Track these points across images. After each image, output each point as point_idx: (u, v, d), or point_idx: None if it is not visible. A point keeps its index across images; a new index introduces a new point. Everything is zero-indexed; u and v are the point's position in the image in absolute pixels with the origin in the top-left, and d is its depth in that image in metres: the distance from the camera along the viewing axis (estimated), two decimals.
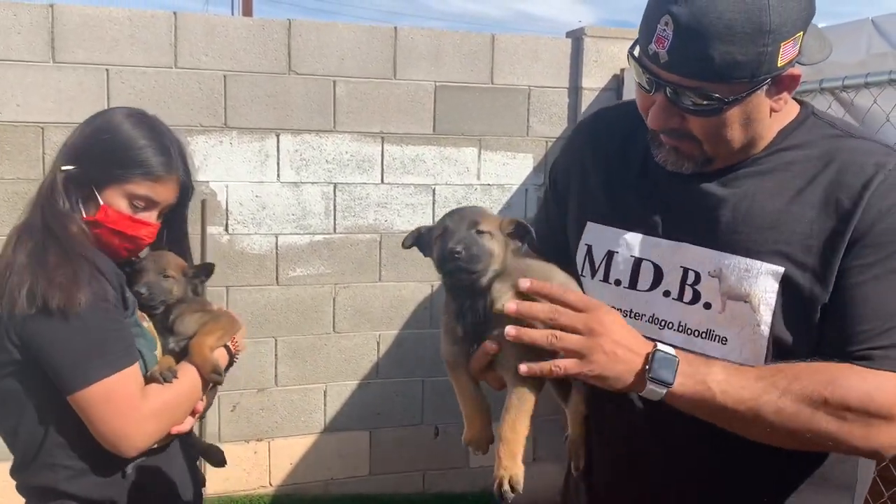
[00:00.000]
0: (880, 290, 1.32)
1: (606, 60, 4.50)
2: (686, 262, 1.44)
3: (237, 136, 4.02)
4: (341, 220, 4.23)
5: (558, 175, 1.71)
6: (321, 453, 4.37)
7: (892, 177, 1.34)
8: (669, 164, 1.44)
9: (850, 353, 1.31)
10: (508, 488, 1.31)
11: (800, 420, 1.29)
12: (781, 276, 1.36)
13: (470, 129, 4.38)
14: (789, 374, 1.31)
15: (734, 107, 1.33)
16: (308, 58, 4.08)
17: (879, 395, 1.28)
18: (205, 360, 1.87)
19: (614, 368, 1.29)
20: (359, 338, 4.35)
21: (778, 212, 1.38)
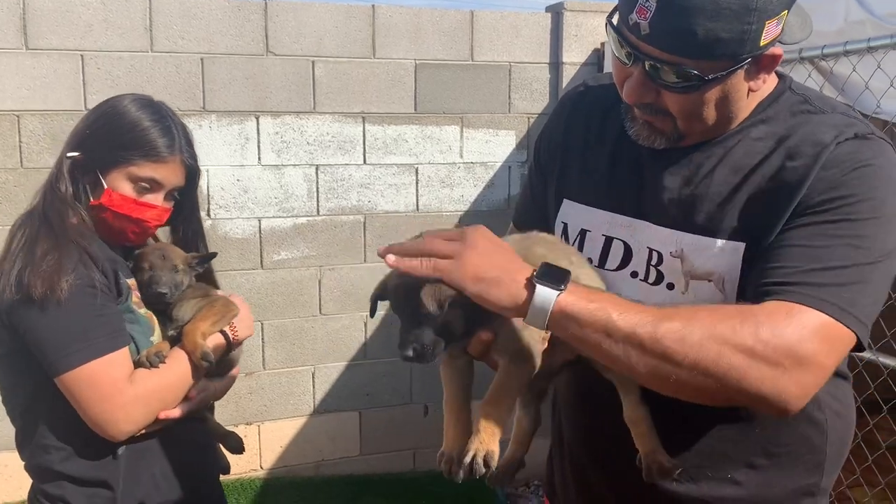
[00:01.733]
0: (811, 238, 1.27)
1: (586, 34, 4.48)
2: (651, 243, 1.44)
3: (216, 120, 3.98)
4: (324, 201, 4.21)
5: (542, 149, 1.70)
6: (311, 435, 4.38)
7: (848, 144, 1.31)
8: (642, 138, 1.42)
9: (766, 284, 1.26)
10: (481, 463, 1.24)
11: (705, 349, 1.17)
12: (743, 252, 1.34)
13: (451, 107, 4.35)
14: (694, 306, 1.26)
15: (713, 85, 1.29)
16: (286, 38, 4.03)
17: (789, 329, 1.19)
18: (195, 346, 1.87)
19: (490, 271, 1.21)
20: (346, 319, 4.34)
21: (736, 189, 1.36)
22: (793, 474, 1.49)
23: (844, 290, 1.23)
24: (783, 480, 1.48)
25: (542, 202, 1.67)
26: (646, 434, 1.43)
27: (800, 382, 1.20)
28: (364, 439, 4.47)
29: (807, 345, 1.19)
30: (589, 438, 1.58)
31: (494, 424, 1.28)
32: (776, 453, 1.47)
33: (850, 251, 1.25)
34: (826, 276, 1.23)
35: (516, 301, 1.22)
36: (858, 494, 3.35)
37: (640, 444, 1.44)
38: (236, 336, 2.00)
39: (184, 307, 1.96)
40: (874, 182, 1.29)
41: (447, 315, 1.26)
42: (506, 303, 1.22)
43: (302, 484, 4.33)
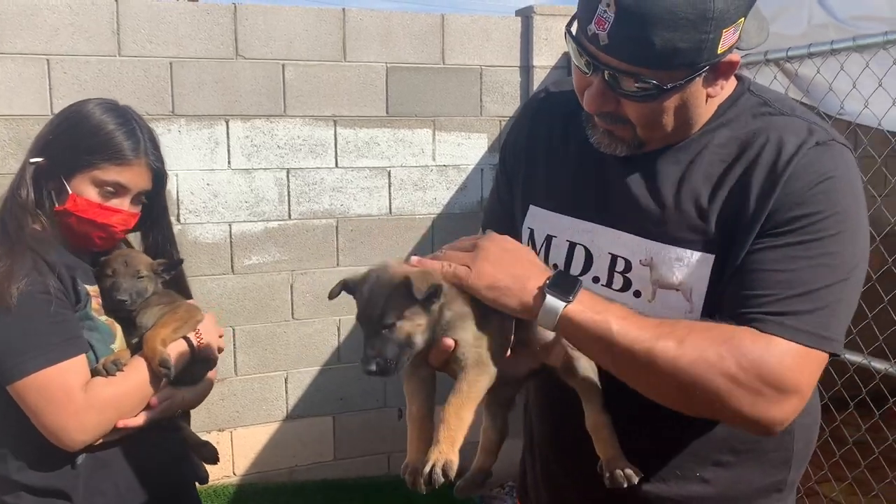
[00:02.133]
0: (782, 261, 1.29)
1: (556, 38, 4.50)
2: (615, 249, 1.44)
3: (185, 124, 3.95)
4: (296, 205, 4.20)
5: (507, 154, 1.71)
6: (284, 441, 4.35)
7: (811, 154, 1.32)
8: (603, 146, 1.43)
9: (744, 314, 1.29)
10: (440, 473, 1.25)
11: (693, 372, 1.25)
12: (712, 264, 1.35)
13: (423, 111, 4.36)
14: (688, 325, 1.30)
15: (672, 94, 1.31)
16: (255, 42, 4.01)
17: (770, 360, 1.25)
18: (154, 352, 1.84)
19: (503, 278, 1.30)
20: (318, 324, 4.32)
21: (705, 200, 1.37)
22: (760, 471, 1.50)
23: (821, 314, 1.28)
24: (751, 477, 1.50)
25: (510, 206, 1.68)
26: (607, 441, 1.44)
27: (783, 409, 1.28)
28: (338, 444, 4.46)
29: (788, 375, 1.26)
30: (558, 440, 1.59)
31: (454, 434, 1.29)
32: (743, 450, 1.48)
33: (823, 271, 1.29)
34: (803, 303, 1.27)
35: (527, 307, 1.30)
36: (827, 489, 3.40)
37: (602, 451, 1.44)
38: (201, 343, 1.97)
39: (147, 314, 1.93)
40: (837, 195, 1.31)
41: (409, 326, 1.30)
42: (517, 309, 1.31)
43: (276, 490, 4.30)
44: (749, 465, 1.49)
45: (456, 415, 1.30)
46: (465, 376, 1.33)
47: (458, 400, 1.31)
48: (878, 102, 2.66)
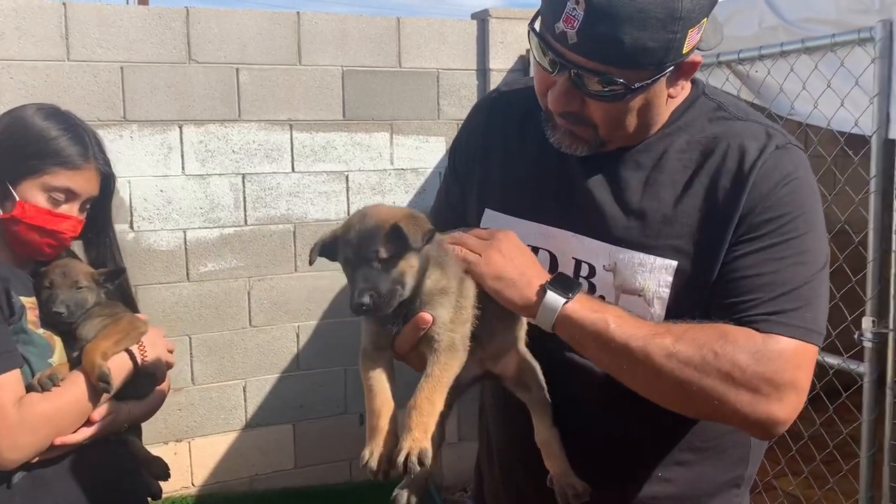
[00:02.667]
0: (764, 264, 1.32)
1: (512, 41, 4.52)
2: (579, 254, 1.45)
3: (138, 130, 3.87)
4: (252, 211, 4.14)
5: (458, 156, 1.69)
6: (244, 450, 4.29)
7: (772, 158, 1.35)
8: (564, 146, 1.42)
9: (735, 321, 1.31)
10: (416, 461, 1.20)
11: (689, 370, 1.26)
12: (675, 270, 1.36)
13: (381, 114, 4.34)
14: (685, 325, 1.31)
15: (639, 94, 1.31)
16: (208, 46, 3.96)
17: (767, 357, 1.27)
18: (92, 367, 1.76)
19: (511, 272, 1.33)
20: (277, 331, 4.27)
21: (669, 206, 1.38)
22: (720, 468, 1.52)
23: (805, 310, 1.31)
24: (711, 474, 1.51)
25: (461, 209, 1.66)
26: (557, 456, 1.43)
27: (783, 407, 1.28)
28: (298, 452, 4.41)
29: (785, 373, 1.28)
30: (520, 445, 1.58)
31: (426, 420, 1.25)
32: (703, 448, 1.49)
33: (800, 269, 1.33)
34: (788, 302, 1.31)
35: (527, 303, 1.33)
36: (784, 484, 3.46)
37: (552, 465, 1.44)
38: (145, 356, 1.89)
39: (88, 326, 1.85)
40: (801, 196, 1.36)
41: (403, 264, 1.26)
42: (518, 303, 1.33)
43: (236, 500, 4.24)
44: (709, 462, 1.51)
45: (428, 400, 1.26)
46: (437, 359, 1.30)
47: (431, 384, 1.28)
48: (826, 103, 2.71)
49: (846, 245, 2.84)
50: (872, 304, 2.65)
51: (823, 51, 2.70)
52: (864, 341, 2.66)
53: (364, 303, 1.23)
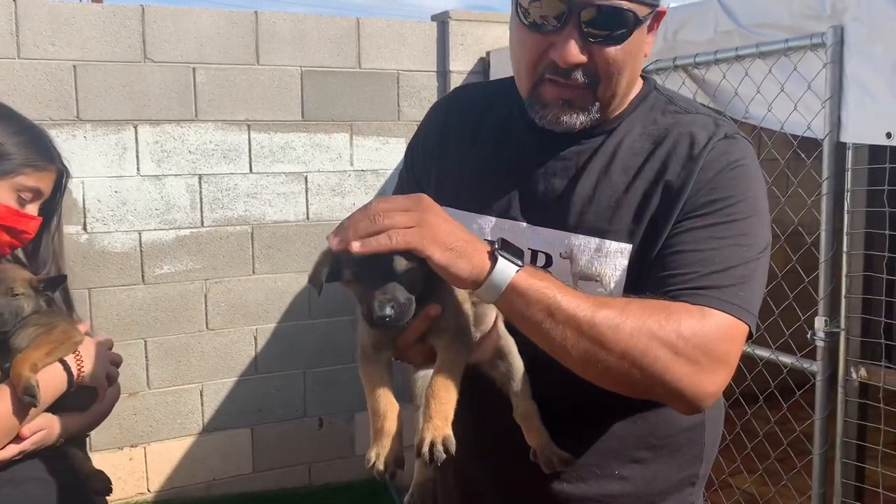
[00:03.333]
0: (702, 242, 1.34)
1: (472, 43, 4.53)
2: (535, 244, 1.45)
3: (91, 130, 3.80)
4: (209, 212, 4.09)
5: (416, 155, 1.69)
6: (201, 454, 4.23)
7: (720, 145, 1.40)
8: (560, 122, 1.42)
9: (670, 292, 1.32)
10: (441, 449, 1.18)
11: (634, 340, 1.24)
12: (629, 253, 1.39)
13: (340, 115, 4.31)
14: (626, 299, 1.31)
15: (641, 27, 1.37)
16: (164, 45, 3.90)
17: (706, 330, 1.27)
18: (18, 379, 1.66)
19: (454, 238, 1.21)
20: (234, 334, 4.22)
21: (622, 191, 1.41)
22: (675, 466, 1.53)
23: (740, 289, 1.32)
24: (667, 472, 1.53)
25: None
26: (538, 428, 1.43)
27: (715, 381, 1.29)
28: (257, 456, 4.36)
29: (721, 345, 1.29)
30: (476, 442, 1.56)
31: (446, 409, 1.23)
32: (658, 446, 1.51)
33: (738, 250, 1.34)
34: (724, 279, 1.31)
35: (477, 273, 1.22)
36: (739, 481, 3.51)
37: (534, 438, 1.44)
38: (81, 368, 1.78)
39: (21, 336, 1.73)
40: (746, 181, 1.39)
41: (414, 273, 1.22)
42: (466, 274, 1.21)
43: None
44: (664, 460, 1.52)
45: (445, 387, 1.24)
46: (449, 347, 1.28)
47: (446, 372, 1.25)
48: (780, 107, 2.76)
49: (799, 246, 2.89)
50: (824, 304, 2.70)
51: (777, 55, 2.74)
52: (816, 340, 2.71)
53: (387, 315, 1.19)
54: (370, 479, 4.49)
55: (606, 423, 1.48)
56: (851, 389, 2.69)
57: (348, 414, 4.45)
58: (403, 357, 1.37)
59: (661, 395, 1.31)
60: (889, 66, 2.38)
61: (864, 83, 2.47)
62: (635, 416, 1.48)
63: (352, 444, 4.47)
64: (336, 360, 4.41)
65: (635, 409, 1.48)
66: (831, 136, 2.58)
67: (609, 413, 1.47)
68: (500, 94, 1.61)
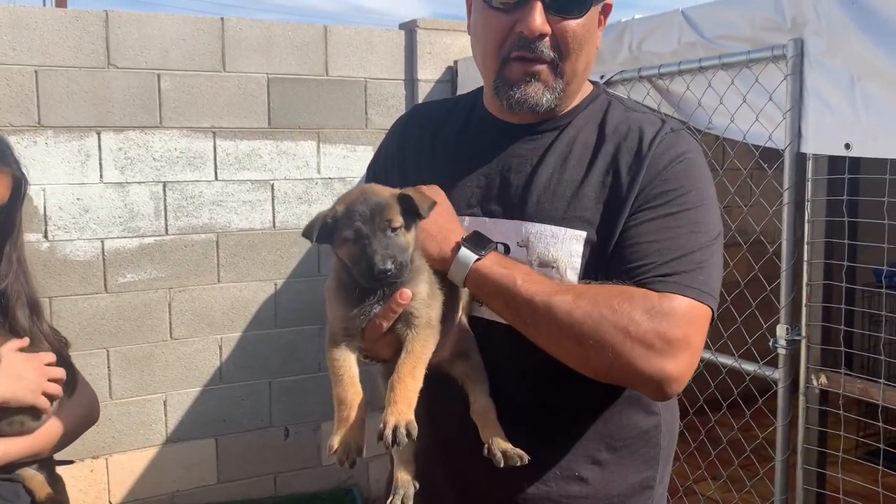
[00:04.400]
0: (658, 231, 1.41)
1: (440, 52, 4.54)
2: (494, 236, 1.49)
3: (53, 136, 3.74)
4: (173, 220, 4.04)
5: (377, 173, 1.74)
6: (164, 465, 4.17)
7: (667, 138, 1.47)
8: (529, 97, 1.48)
9: (634, 282, 1.38)
10: (404, 433, 1.24)
11: (588, 324, 1.32)
12: (584, 240, 1.44)
13: (307, 122, 4.30)
14: (587, 285, 1.40)
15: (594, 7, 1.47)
16: (129, 51, 3.85)
17: (662, 313, 1.33)
18: None
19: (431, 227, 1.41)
20: (199, 343, 4.17)
21: (577, 182, 1.48)
22: (634, 468, 1.56)
23: (698, 273, 1.39)
24: (625, 475, 1.55)
25: None
26: (495, 424, 1.46)
27: (677, 364, 1.34)
28: (221, 466, 4.30)
29: (679, 329, 1.34)
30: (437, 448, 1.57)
31: (410, 395, 1.28)
32: (617, 447, 1.53)
33: (693, 237, 1.41)
34: (681, 265, 1.38)
35: (443, 256, 1.42)
36: (704, 488, 3.54)
37: (490, 434, 1.45)
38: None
39: None
40: (694, 172, 1.47)
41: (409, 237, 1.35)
42: (434, 255, 1.42)
43: None
44: (623, 461, 1.55)
45: (411, 374, 1.30)
46: (417, 335, 1.34)
47: (412, 360, 1.32)
48: (742, 118, 2.80)
49: (761, 255, 2.94)
50: (786, 311, 2.74)
51: (739, 67, 2.79)
52: (778, 348, 2.75)
53: (388, 269, 1.29)
54: (336, 488, 4.46)
55: (569, 423, 1.51)
56: (812, 396, 2.73)
57: (314, 423, 4.42)
58: (371, 348, 1.41)
59: (622, 378, 1.38)
60: (847, 79, 2.43)
61: (823, 95, 2.52)
62: (597, 416, 1.51)
63: (318, 453, 4.43)
64: (302, 369, 4.38)
65: (598, 408, 1.51)
66: (792, 146, 2.62)
67: (572, 413, 1.50)
68: (457, 106, 1.71)
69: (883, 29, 2.32)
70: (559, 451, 1.51)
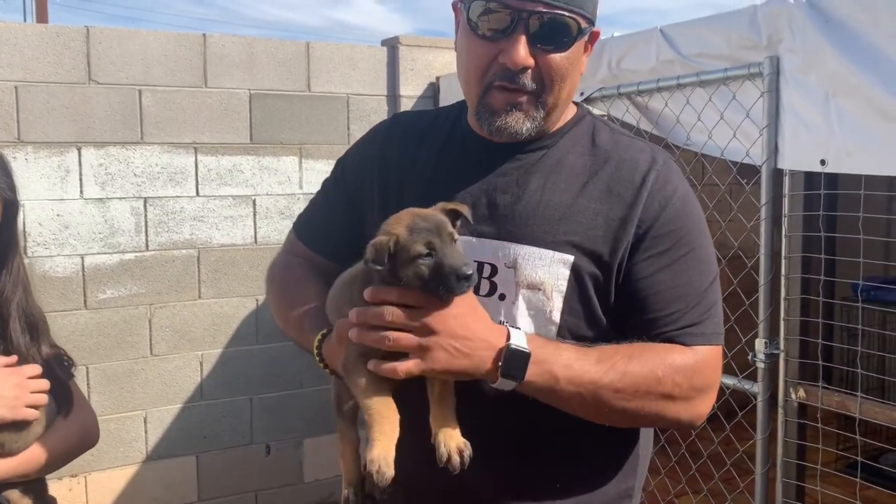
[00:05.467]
0: (675, 277, 1.45)
1: (422, 68, 4.57)
2: (480, 256, 1.49)
3: (33, 152, 3.72)
4: (154, 236, 4.02)
5: (353, 169, 1.73)
6: (144, 484, 4.12)
7: (664, 171, 1.49)
8: (509, 126, 1.47)
9: (660, 335, 1.43)
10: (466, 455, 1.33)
11: (636, 401, 1.40)
12: (571, 264, 1.44)
13: (289, 138, 4.30)
14: (625, 354, 1.40)
15: (581, 40, 1.46)
16: (110, 67, 3.85)
17: (697, 368, 1.43)
18: None
19: (459, 363, 1.30)
20: (179, 359, 4.15)
21: (567, 206, 1.47)
22: (613, 478, 1.56)
23: (712, 314, 1.49)
24: (605, 485, 1.55)
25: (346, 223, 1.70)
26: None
27: (707, 404, 1.49)
28: (202, 484, 4.26)
29: (708, 378, 1.47)
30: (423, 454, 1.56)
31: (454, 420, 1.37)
32: (599, 458, 1.55)
33: (703, 278, 1.48)
34: (701, 311, 1.47)
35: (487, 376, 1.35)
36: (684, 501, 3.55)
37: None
38: None
39: None
40: (691, 207, 1.50)
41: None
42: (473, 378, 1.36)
43: None
44: (604, 472, 1.56)
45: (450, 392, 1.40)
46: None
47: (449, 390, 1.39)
48: (720, 134, 2.83)
49: (739, 269, 2.96)
50: (764, 326, 2.76)
51: (717, 84, 2.82)
52: (757, 362, 2.77)
53: (472, 272, 1.29)
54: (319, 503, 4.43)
55: (553, 434, 1.50)
56: (791, 410, 2.75)
57: (296, 440, 4.39)
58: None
59: (663, 426, 1.56)
60: (822, 96, 2.47)
61: (798, 112, 2.55)
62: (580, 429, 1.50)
63: (300, 470, 4.40)
64: (284, 385, 4.36)
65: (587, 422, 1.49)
66: (769, 162, 2.65)
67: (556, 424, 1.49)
68: (438, 119, 1.69)
69: (856, 46, 2.36)
70: (544, 463, 1.51)
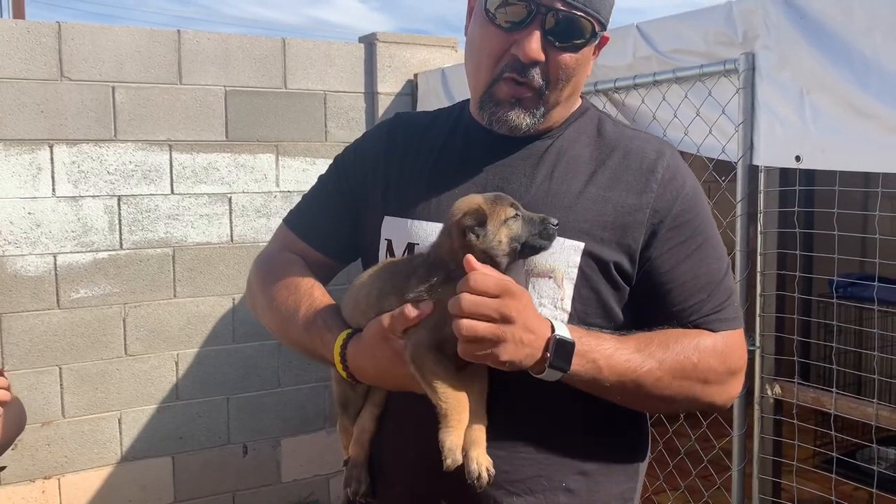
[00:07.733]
0: (695, 268, 1.48)
1: (400, 66, 4.55)
2: None
3: (3, 149, 3.66)
4: (128, 234, 3.97)
5: (354, 166, 1.71)
6: (119, 485, 4.07)
7: (672, 162, 1.51)
8: (509, 119, 1.49)
9: (692, 323, 1.47)
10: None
11: (674, 387, 1.43)
12: (582, 251, 1.44)
13: (266, 135, 4.26)
14: (661, 342, 1.43)
15: (591, 44, 1.47)
16: (82, 63, 3.79)
17: (727, 352, 1.48)
18: None
19: (520, 354, 1.31)
20: (154, 359, 4.10)
21: (576, 194, 1.48)
22: (616, 479, 1.55)
23: (732, 299, 1.54)
24: (608, 486, 1.54)
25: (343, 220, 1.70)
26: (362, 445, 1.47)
27: (737, 388, 1.55)
28: (178, 485, 4.22)
29: (739, 359, 1.53)
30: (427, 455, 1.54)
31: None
32: (605, 459, 1.53)
33: (720, 264, 1.53)
34: (721, 296, 1.51)
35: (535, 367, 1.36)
36: (663, 499, 3.56)
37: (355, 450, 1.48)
38: None
39: None
40: (700, 195, 1.54)
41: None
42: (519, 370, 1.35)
43: None
44: (607, 473, 1.54)
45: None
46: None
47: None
48: (696, 131, 2.84)
49: None
50: None
51: (693, 80, 2.82)
52: None
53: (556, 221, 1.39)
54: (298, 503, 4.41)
55: (563, 435, 1.50)
56: (767, 406, 2.76)
57: (274, 440, 4.36)
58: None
59: (697, 409, 1.58)
60: (797, 92, 2.47)
61: (774, 108, 2.56)
62: (587, 428, 1.51)
63: (278, 470, 4.37)
64: (261, 385, 4.32)
65: (593, 422, 1.52)
66: (744, 158, 2.66)
67: (561, 425, 1.49)
68: (438, 119, 1.69)
69: (831, 44, 2.36)
70: (550, 463, 1.49)
